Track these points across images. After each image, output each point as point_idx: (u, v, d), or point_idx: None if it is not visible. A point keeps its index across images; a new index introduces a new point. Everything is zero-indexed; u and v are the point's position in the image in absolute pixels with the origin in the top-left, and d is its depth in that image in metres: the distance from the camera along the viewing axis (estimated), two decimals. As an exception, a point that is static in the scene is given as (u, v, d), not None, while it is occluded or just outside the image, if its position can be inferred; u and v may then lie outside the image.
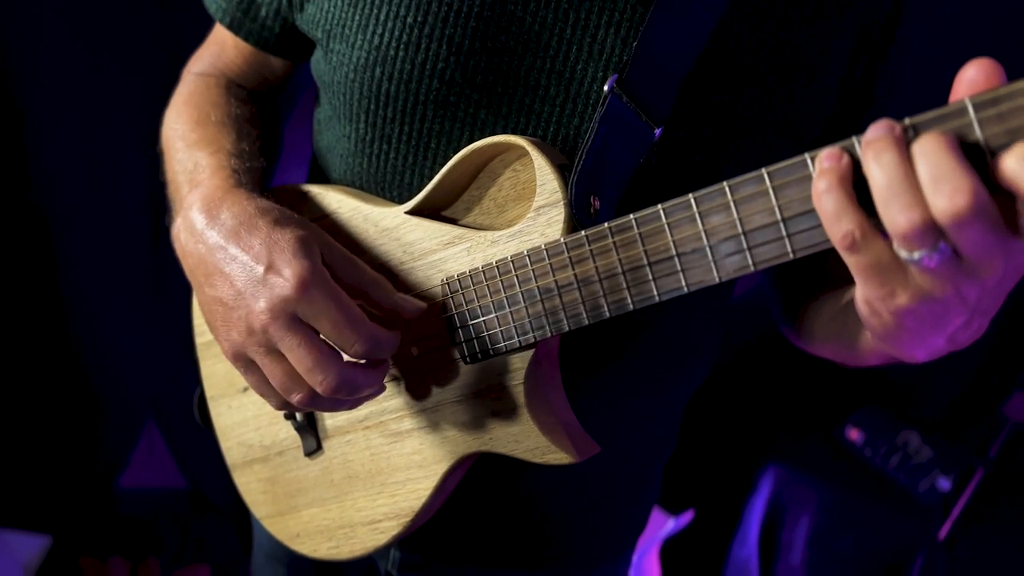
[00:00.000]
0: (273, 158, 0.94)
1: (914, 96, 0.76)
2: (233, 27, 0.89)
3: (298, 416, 0.85)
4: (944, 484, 2.02)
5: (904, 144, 0.48)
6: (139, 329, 2.19)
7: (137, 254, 2.12)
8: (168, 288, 2.16)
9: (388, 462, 0.80)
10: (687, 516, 2.07)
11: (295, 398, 0.69)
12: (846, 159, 0.51)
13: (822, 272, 0.82)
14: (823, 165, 0.51)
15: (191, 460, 2.34)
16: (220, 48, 0.94)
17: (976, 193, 0.45)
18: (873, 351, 0.67)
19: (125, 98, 1.89)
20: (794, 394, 2.29)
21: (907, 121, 0.49)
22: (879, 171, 0.48)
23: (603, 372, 0.83)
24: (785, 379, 2.31)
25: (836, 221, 0.50)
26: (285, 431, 0.88)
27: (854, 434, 2.16)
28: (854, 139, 0.51)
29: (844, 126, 0.75)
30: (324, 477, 0.85)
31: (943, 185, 0.46)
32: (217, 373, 0.93)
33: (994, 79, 0.47)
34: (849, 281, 0.75)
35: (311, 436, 0.85)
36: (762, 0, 0.70)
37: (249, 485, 0.92)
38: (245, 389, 0.90)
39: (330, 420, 0.84)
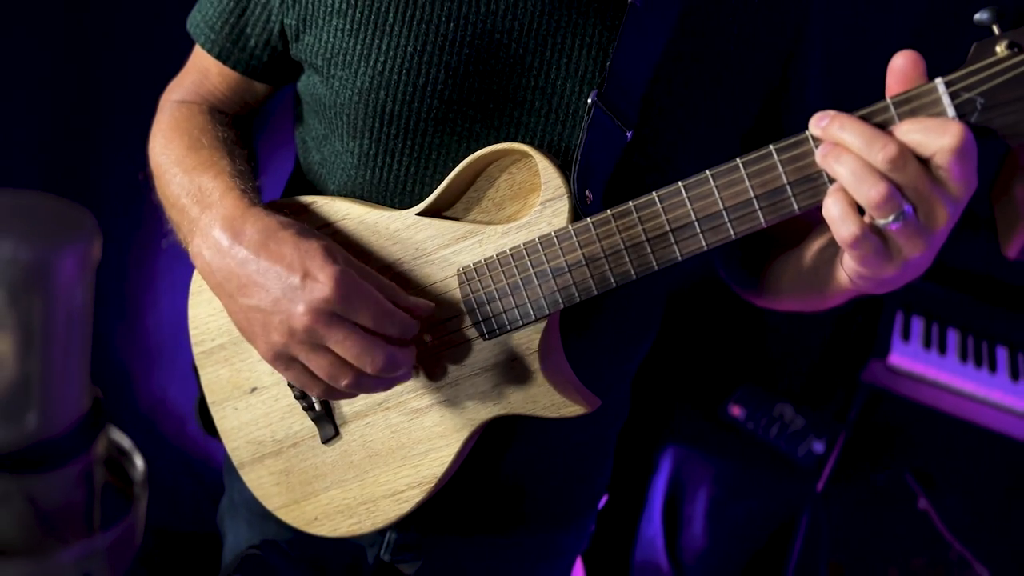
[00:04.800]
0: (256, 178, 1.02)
1: (818, 87, 0.96)
2: (222, 57, 0.97)
3: (316, 406, 0.93)
4: (819, 447, 2.30)
5: None
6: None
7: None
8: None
9: (409, 436, 0.90)
10: (602, 500, 2.24)
11: (343, 383, 0.79)
12: None
13: (772, 238, 1.00)
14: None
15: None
16: (203, 76, 1.01)
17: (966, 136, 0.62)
18: (842, 295, 0.84)
19: (27, 132, 1.86)
20: (681, 380, 2.53)
21: None
22: (842, 167, 0.65)
23: (582, 341, 0.96)
24: (672, 368, 2.54)
25: (843, 223, 0.66)
26: (299, 424, 0.95)
27: (736, 411, 2.42)
28: (807, 132, 0.68)
29: (769, 117, 0.94)
30: (343, 460, 0.93)
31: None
32: (220, 379, 0.99)
33: (919, 67, 0.64)
34: (796, 241, 0.93)
35: (328, 424, 0.93)
36: (701, 18, 0.87)
37: (260, 480, 0.99)
38: (252, 390, 0.97)
39: (347, 407, 0.92)
